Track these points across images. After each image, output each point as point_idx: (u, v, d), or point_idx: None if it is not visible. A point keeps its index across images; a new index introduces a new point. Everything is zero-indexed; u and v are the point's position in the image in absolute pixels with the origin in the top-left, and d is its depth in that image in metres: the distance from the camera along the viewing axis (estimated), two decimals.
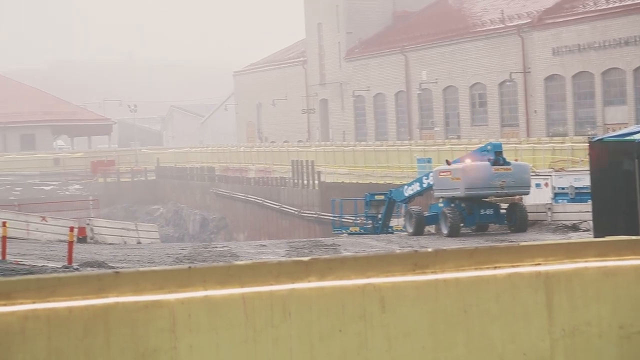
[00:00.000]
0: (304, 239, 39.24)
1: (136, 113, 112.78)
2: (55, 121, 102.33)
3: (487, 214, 33.93)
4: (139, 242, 39.49)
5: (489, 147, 34.12)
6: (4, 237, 27.83)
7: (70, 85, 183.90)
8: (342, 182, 58.94)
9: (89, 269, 24.69)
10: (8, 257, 27.19)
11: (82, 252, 30.27)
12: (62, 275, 6.18)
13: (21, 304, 5.91)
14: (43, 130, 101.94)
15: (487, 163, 33.19)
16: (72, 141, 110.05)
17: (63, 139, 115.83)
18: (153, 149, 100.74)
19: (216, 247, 34.58)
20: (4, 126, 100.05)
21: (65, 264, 26.17)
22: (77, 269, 24.50)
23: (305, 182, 61.77)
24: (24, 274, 22.96)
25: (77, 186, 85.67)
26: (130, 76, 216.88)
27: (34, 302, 5.93)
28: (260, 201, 66.47)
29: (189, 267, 6.41)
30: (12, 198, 75.96)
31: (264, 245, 33.86)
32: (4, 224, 29.04)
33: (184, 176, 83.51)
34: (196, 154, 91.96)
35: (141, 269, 6.38)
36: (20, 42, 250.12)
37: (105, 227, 39.89)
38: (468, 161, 33.87)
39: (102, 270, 8.28)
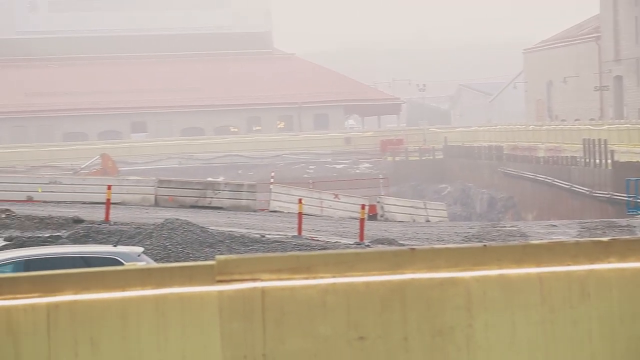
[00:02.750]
0: (597, 220, 38.27)
1: (424, 92, 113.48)
2: (347, 101, 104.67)
3: None
4: (427, 221, 39.79)
5: None
6: (300, 214, 28.79)
7: (361, 66, 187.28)
8: (638, 161, 56.92)
9: (379, 245, 25.14)
10: (304, 233, 28.11)
11: (372, 229, 30.85)
12: (359, 251, 6.32)
13: (321, 277, 6.09)
14: (336, 110, 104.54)
15: None
16: (363, 120, 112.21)
17: (354, 118, 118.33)
18: (441, 128, 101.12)
19: (505, 227, 34.32)
20: (299, 106, 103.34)
21: (357, 240, 26.76)
22: (368, 246, 25.00)
23: (597, 161, 60.13)
24: (319, 249, 23.68)
25: (366, 164, 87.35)
26: (419, 56, 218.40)
27: (333, 277, 6.09)
28: (550, 181, 65.35)
29: (484, 245, 6.39)
30: (306, 176, 78.44)
31: (554, 226, 33.29)
32: (299, 201, 30.05)
33: (472, 155, 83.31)
34: (484, 133, 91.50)
35: (435, 246, 6.42)
36: (315, 25, 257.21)
37: (395, 205, 40.45)
38: None
39: (398, 247, 8.39)
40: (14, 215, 28.91)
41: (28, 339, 6.23)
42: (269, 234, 27.80)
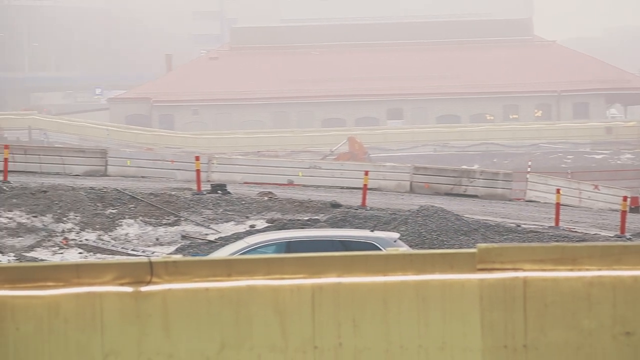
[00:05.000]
0: None
1: None
2: (609, 89, 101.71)
3: None
4: None
5: None
6: (558, 204, 28.27)
7: (625, 53, 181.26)
8: None
9: None
10: (561, 224, 27.60)
11: (635, 222, 29.89)
12: (628, 244, 6.14)
13: (587, 270, 5.97)
14: (597, 99, 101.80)
15: None
16: (625, 110, 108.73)
17: (616, 107, 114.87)
18: None
19: None
20: (558, 95, 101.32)
21: (618, 233, 26.02)
22: (629, 239, 24.25)
23: None
24: (577, 241, 23.17)
25: (629, 155, 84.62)
26: None
27: (599, 269, 5.96)
28: None
29: None
30: (563, 166, 76.87)
31: None
32: (557, 190, 29.51)
33: None
34: None
35: None
36: (577, 11, 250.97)
37: None
38: None
39: None
40: (275, 198, 29.84)
41: (294, 319, 6.41)
42: (525, 224, 27.44)
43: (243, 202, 28.85)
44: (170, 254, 22.87)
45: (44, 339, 6.46)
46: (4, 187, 28.12)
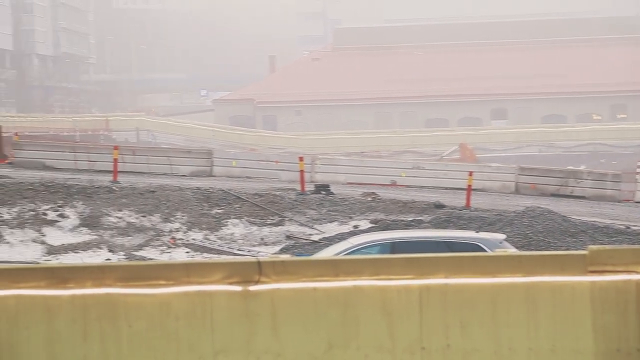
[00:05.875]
0: None
1: None
2: None
3: None
4: None
5: None
6: None
7: None
8: None
9: None
10: None
11: None
12: None
13: None
14: None
15: None
16: None
17: None
18: None
19: None
20: None
21: None
22: None
23: None
24: None
25: None
26: None
27: None
28: None
29: None
30: None
31: None
32: None
33: None
34: None
35: None
36: None
37: None
38: None
39: None
40: (379, 199, 29.83)
41: (402, 319, 6.41)
42: (635, 226, 26.93)
43: (346, 203, 28.91)
44: (275, 254, 23.04)
45: (156, 337, 6.56)
46: (114, 188, 28.66)
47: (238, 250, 25.19)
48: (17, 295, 6.38)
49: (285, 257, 7.07)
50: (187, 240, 25.75)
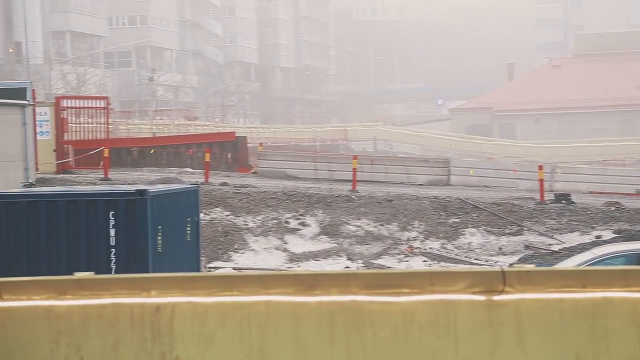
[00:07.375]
0: None
1: None
2: None
3: None
4: None
5: None
6: None
7: None
8: None
9: None
10: None
11: None
12: None
13: None
14: None
15: None
16: None
17: None
18: None
19: None
20: None
21: None
22: None
23: None
24: None
25: None
26: None
27: None
28: None
29: None
30: None
31: None
32: None
33: None
34: None
35: None
36: None
37: None
38: None
39: None
40: (623, 208, 28.91)
41: None
42: None
43: (588, 212, 28.18)
44: (514, 263, 22.71)
45: (400, 345, 6.57)
46: (353, 197, 29.02)
47: (476, 259, 24.98)
48: (266, 302, 6.53)
49: (530, 267, 6.93)
50: (424, 249, 25.76)
